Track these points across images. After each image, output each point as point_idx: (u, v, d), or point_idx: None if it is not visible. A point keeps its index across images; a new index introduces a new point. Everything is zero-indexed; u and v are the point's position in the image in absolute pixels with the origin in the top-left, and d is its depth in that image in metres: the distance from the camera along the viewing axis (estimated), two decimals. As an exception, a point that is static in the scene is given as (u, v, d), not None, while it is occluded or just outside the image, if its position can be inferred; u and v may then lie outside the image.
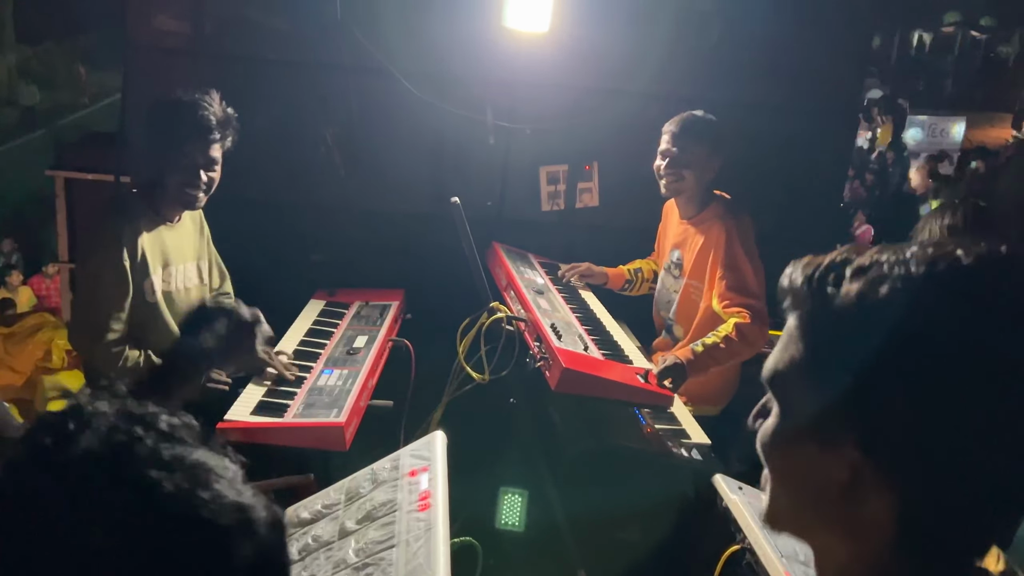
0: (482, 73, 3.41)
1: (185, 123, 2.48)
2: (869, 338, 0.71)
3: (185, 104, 2.48)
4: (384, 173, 3.48)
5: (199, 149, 2.50)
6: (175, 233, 2.66)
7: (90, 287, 2.50)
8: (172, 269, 2.66)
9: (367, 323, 3.01)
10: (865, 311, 0.72)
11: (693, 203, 3.00)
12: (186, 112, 2.47)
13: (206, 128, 2.49)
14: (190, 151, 2.49)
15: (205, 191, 2.57)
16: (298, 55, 3.31)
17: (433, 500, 1.59)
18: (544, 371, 2.53)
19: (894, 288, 0.72)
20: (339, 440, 2.24)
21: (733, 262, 2.85)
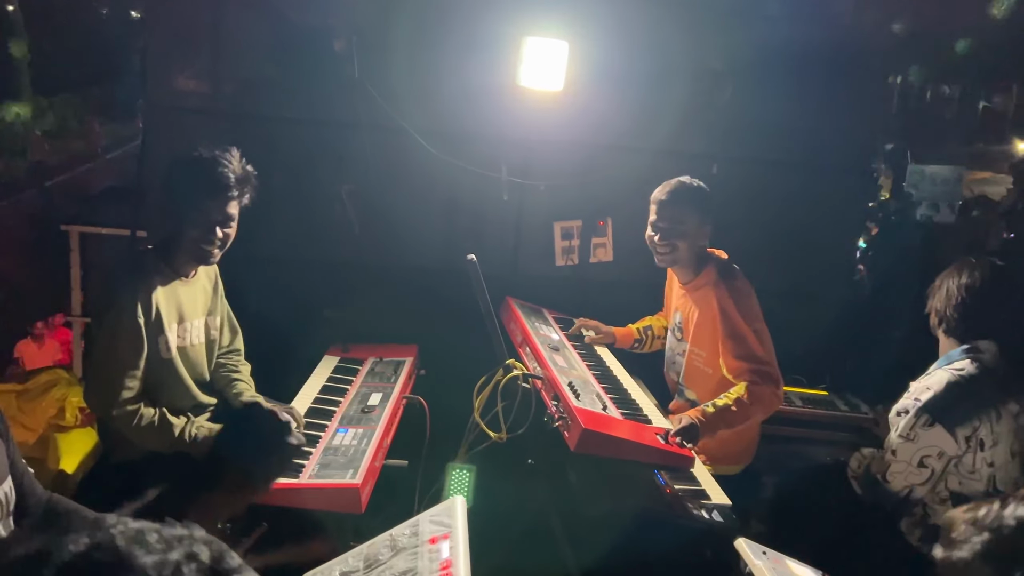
0: (496, 131, 3.44)
1: (203, 179, 2.48)
2: None
3: (204, 161, 2.49)
4: (398, 229, 3.50)
5: (216, 206, 2.51)
6: (189, 288, 2.65)
7: (105, 345, 2.47)
8: (187, 324, 2.64)
9: (381, 379, 2.99)
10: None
11: (689, 269, 2.99)
12: (204, 168, 2.48)
13: (224, 185, 2.50)
14: (207, 207, 2.49)
15: (220, 247, 2.57)
16: (315, 114, 3.36)
17: (455, 570, 1.55)
18: (562, 431, 2.49)
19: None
20: (355, 502, 2.21)
21: (733, 331, 2.84)
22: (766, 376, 2.79)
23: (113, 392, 2.43)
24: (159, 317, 2.50)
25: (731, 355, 2.84)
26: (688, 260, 2.96)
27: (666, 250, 2.94)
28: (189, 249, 2.57)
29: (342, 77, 3.25)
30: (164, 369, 2.55)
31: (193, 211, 2.50)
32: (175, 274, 2.59)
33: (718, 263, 2.98)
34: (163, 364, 2.54)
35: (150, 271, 2.52)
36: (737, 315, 2.83)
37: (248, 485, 1.80)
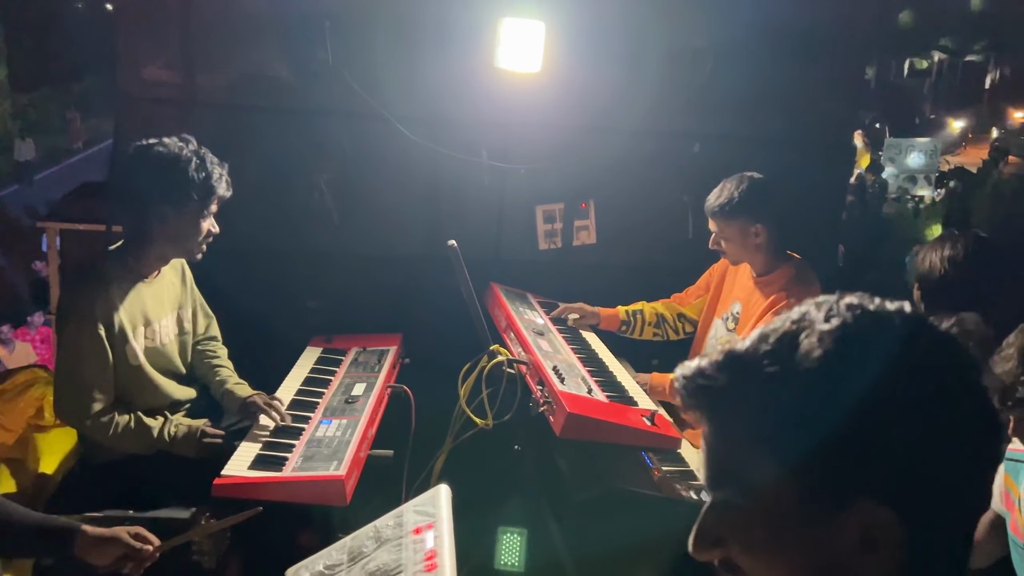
0: (475, 114, 3.40)
1: (183, 179, 2.40)
2: (846, 394, 0.73)
3: (178, 158, 2.40)
4: (379, 217, 3.46)
5: (204, 205, 2.46)
6: (153, 288, 2.57)
7: (68, 360, 2.40)
8: (155, 326, 2.58)
9: (365, 369, 2.96)
10: (833, 369, 0.75)
11: (759, 264, 2.96)
12: (182, 167, 2.40)
13: (208, 186, 2.45)
14: (195, 208, 2.44)
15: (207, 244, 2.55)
16: (290, 102, 3.30)
17: (440, 560, 1.53)
18: (548, 416, 2.47)
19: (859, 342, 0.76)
20: (340, 494, 2.18)
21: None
22: None
23: (83, 406, 2.39)
24: (122, 328, 2.43)
25: None
26: (754, 257, 2.94)
27: (723, 254, 2.99)
28: (175, 250, 2.53)
29: (316, 64, 3.20)
30: (134, 375, 2.50)
31: (176, 211, 2.43)
32: (138, 276, 2.52)
33: (798, 265, 2.94)
34: (133, 370, 2.49)
35: (109, 279, 2.44)
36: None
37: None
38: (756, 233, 2.87)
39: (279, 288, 3.44)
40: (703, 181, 3.57)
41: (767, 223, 2.86)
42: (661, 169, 3.62)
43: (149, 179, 2.40)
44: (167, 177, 2.39)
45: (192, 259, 2.59)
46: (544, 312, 3.32)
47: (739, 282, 3.09)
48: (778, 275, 2.90)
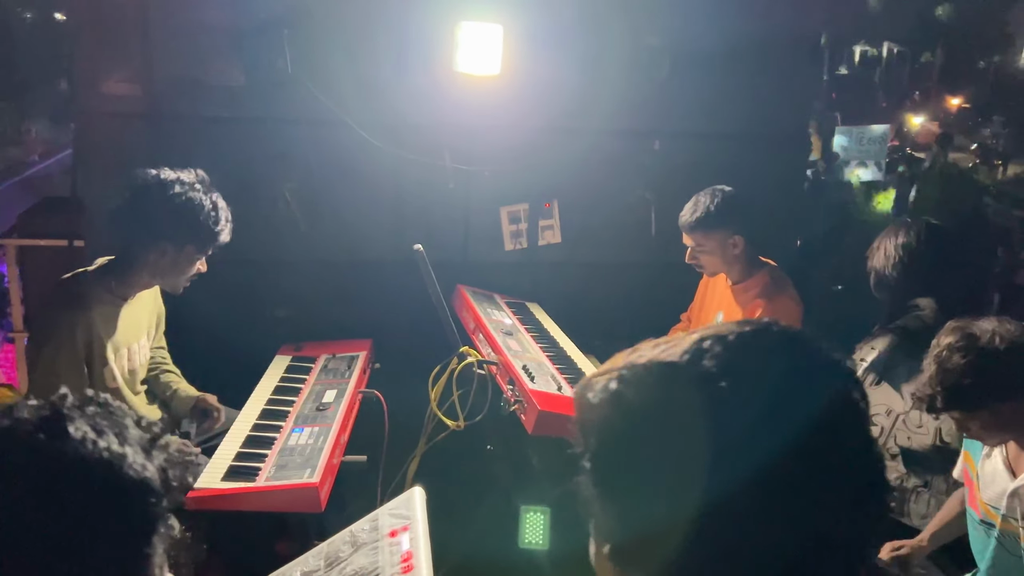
0: (438, 118, 3.42)
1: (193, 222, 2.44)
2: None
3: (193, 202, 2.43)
4: (346, 224, 3.47)
5: (204, 250, 2.54)
6: (132, 309, 2.58)
7: (45, 382, 2.37)
8: (134, 346, 2.60)
9: (335, 376, 2.97)
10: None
11: (735, 272, 3.01)
12: (195, 211, 2.43)
13: (213, 233, 2.51)
14: (200, 252, 2.52)
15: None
16: (252, 111, 3.29)
17: (416, 561, 1.55)
18: (520, 415, 2.51)
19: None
20: (314, 501, 2.19)
21: None
22: None
23: None
24: (102, 350, 2.44)
25: None
26: (731, 267, 2.99)
27: (698, 267, 3.03)
28: (161, 282, 2.57)
29: (276, 73, 3.19)
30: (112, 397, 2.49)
31: (177, 251, 2.47)
32: (119, 299, 2.52)
33: (772, 272, 3.00)
34: (110, 393, 2.48)
35: (90, 300, 2.43)
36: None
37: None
38: (735, 244, 2.93)
39: (247, 298, 3.43)
40: (664, 178, 3.64)
41: (744, 233, 2.92)
42: (623, 167, 3.66)
43: (160, 214, 2.41)
44: (179, 217, 2.42)
45: (175, 292, 2.61)
46: (512, 312, 3.35)
47: (718, 292, 3.15)
48: (754, 282, 2.97)
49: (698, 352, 0.73)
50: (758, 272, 2.98)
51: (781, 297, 2.90)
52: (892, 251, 2.77)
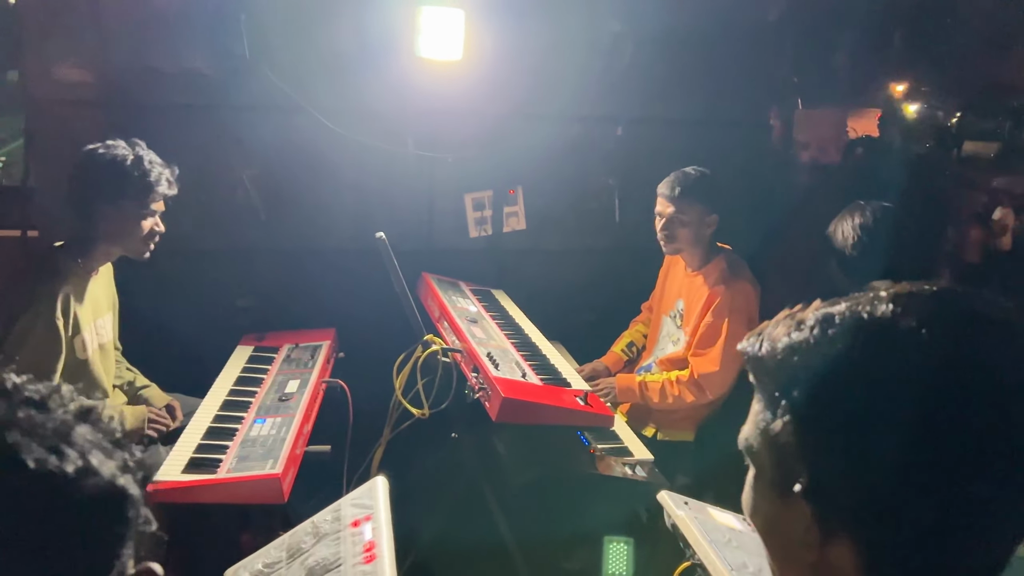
0: (400, 105, 3.38)
1: (143, 178, 2.47)
2: (801, 389, 0.75)
3: (115, 158, 2.46)
4: (307, 212, 3.42)
5: (153, 203, 2.52)
6: (97, 285, 2.61)
7: (21, 350, 2.37)
8: (101, 321, 2.62)
9: (298, 366, 2.94)
10: (794, 363, 0.76)
11: (695, 257, 3.03)
12: (118, 166, 2.45)
13: (164, 181, 2.52)
14: (144, 206, 2.51)
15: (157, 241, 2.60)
16: (208, 98, 3.23)
17: (378, 551, 1.54)
18: (484, 402, 2.50)
19: (816, 338, 0.76)
20: (277, 492, 2.17)
21: (710, 335, 2.92)
22: (700, 392, 2.91)
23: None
24: (76, 318, 2.46)
25: (696, 342, 2.96)
26: (693, 248, 3.00)
27: (668, 240, 2.98)
28: (127, 246, 2.56)
29: (234, 58, 3.14)
30: (80, 369, 2.50)
31: (117, 210, 2.48)
32: (86, 272, 2.55)
33: (728, 257, 3.01)
34: (80, 365, 2.49)
35: (64, 271, 2.48)
36: (724, 327, 2.89)
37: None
38: (710, 224, 2.95)
39: (207, 287, 3.38)
40: (628, 164, 3.65)
41: (720, 214, 2.95)
42: (586, 153, 3.67)
43: (89, 179, 2.47)
44: (105, 176, 2.46)
45: (139, 257, 2.62)
46: (477, 299, 3.34)
47: (676, 279, 3.17)
48: (711, 268, 2.99)
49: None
50: (715, 257, 3.00)
51: (739, 281, 2.93)
52: (850, 231, 2.81)
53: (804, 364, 0.75)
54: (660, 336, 3.22)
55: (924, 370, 0.70)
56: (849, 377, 0.73)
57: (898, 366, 0.71)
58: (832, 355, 0.74)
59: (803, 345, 0.76)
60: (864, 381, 0.72)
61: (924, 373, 0.70)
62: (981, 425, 0.69)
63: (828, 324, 0.75)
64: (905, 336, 0.72)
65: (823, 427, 0.74)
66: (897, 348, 0.72)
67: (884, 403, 0.70)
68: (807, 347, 0.76)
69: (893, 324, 0.73)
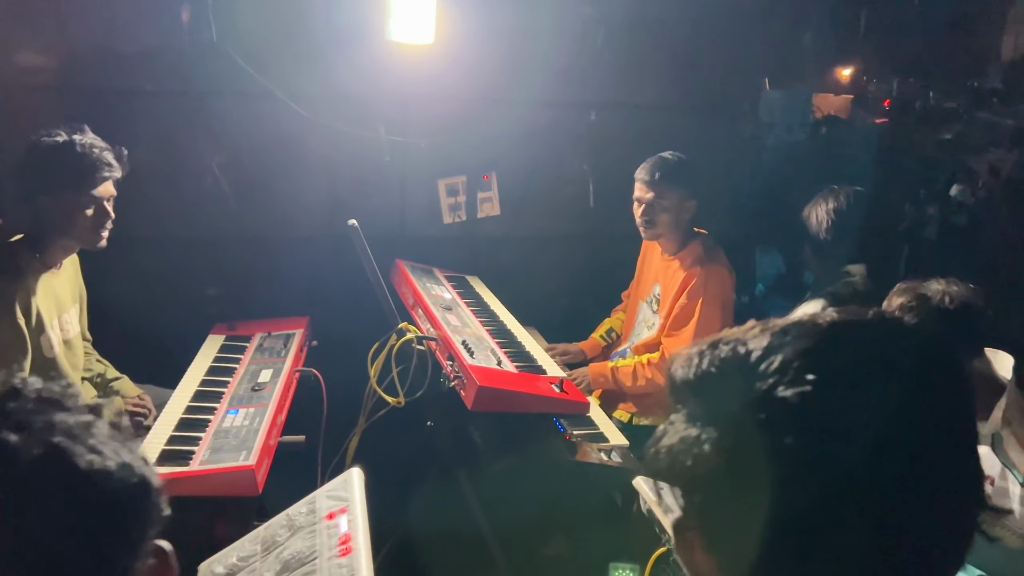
0: (371, 89, 3.34)
1: (79, 163, 2.37)
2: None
3: (51, 146, 2.36)
4: (278, 198, 3.38)
5: (101, 188, 2.42)
6: (59, 279, 2.54)
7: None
8: (66, 316, 2.55)
9: (271, 355, 2.90)
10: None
11: (673, 242, 3.03)
12: (76, 153, 2.36)
13: (105, 165, 2.41)
14: (91, 192, 2.40)
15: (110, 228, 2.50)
16: (175, 84, 3.16)
17: (354, 543, 1.53)
18: (459, 390, 2.49)
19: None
20: (250, 484, 2.15)
21: (683, 317, 2.93)
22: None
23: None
24: (39, 316, 2.38)
25: (670, 324, 2.96)
26: (672, 234, 3.00)
27: (647, 225, 2.97)
28: (77, 237, 2.47)
29: (201, 43, 3.08)
30: (48, 367, 2.43)
31: (76, 199, 2.39)
32: (46, 267, 2.47)
33: (704, 242, 3.02)
34: (47, 363, 2.42)
35: (23, 269, 2.39)
36: (700, 299, 2.90)
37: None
38: (688, 209, 2.96)
39: (177, 276, 3.33)
40: (602, 150, 3.64)
41: (698, 199, 2.96)
42: (560, 138, 3.65)
43: (28, 169, 2.38)
44: (41, 165, 2.37)
45: (93, 248, 2.53)
46: (452, 286, 3.32)
47: (653, 264, 3.18)
48: (687, 252, 3.00)
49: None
50: (692, 242, 3.01)
51: (714, 265, 2.95)
52: (824, 216, 2.83)
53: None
54: (636, 322, 3.23)
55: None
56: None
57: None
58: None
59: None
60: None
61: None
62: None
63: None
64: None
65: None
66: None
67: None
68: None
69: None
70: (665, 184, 2.91)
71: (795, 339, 0.69)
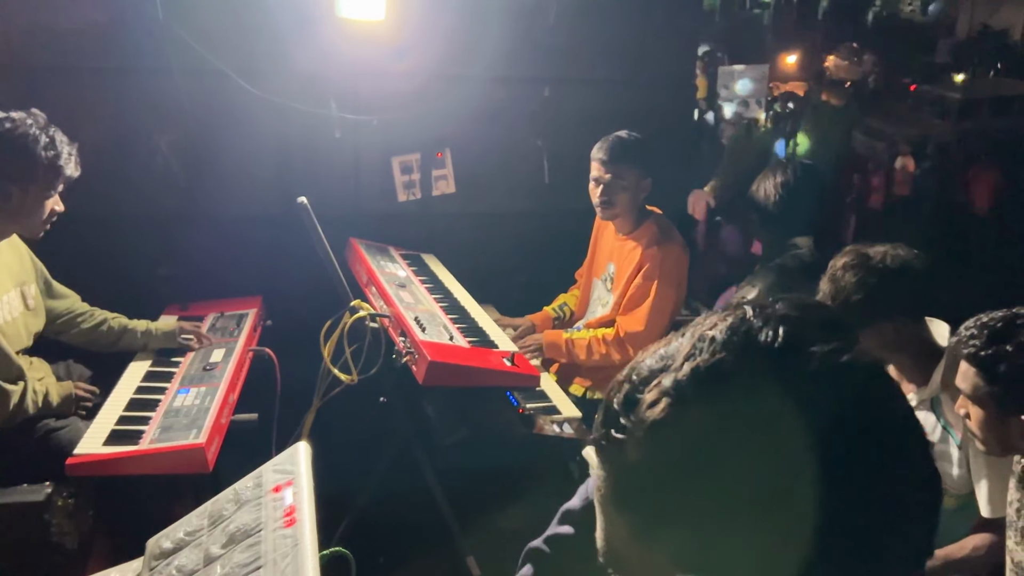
0: (321, 66, 3.31)
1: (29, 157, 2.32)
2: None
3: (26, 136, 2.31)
4: (229, 177, 3.33)
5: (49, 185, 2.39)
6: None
7: None
8: (6, 298, 2.49)
9: (223, 335, 2.89)
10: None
11: (628, 221, 3.05)
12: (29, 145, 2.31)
13: (69, 163, 2.39)
14: (47, 188, 2.38)
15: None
16: (120, 61, 3.11)
17: (299, 515, 1.54)
18: (411, 366, 2.50)
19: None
20: (201, 462, 2.15)
21: (639, 296, 2.96)
22: (624, 351, 2.95)
23: None
24: None
25: (626, 303, 2.99)
26: (628, 213, 3.01)
27: (606, 205, 2.98)
28: (24, 226, 2.45)
29: (146, 19, 3.02)
30: None
31: (22, 191, 2.35)
32: None
33: (658, 221, 3.04)
34: None
35: None
36: (653, 288, 2.93)
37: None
38: (644, 188, 2.98)
39: (127, 257, 3.28)
40: (555, 125, 3.65)
41: (653, 177, 2.98)
42: (514, 115, 3.65)
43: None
44: (13, 155, 2.32)
45: (34, 237, 2.52)
46: (406, 264, 3.32)
47: (607, 242, 3.20)
48: (642, 231, 3.03)
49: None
50: (646, 221, 3.04)
51: (670, 245, 2.98)
52: (772, 189, 2.88)
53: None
54: (591, 299, 3.26)
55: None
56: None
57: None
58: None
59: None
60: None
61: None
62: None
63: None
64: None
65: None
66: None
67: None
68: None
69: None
70: (622, 164, 2.93)
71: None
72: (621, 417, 0.69)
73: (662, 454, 0.66)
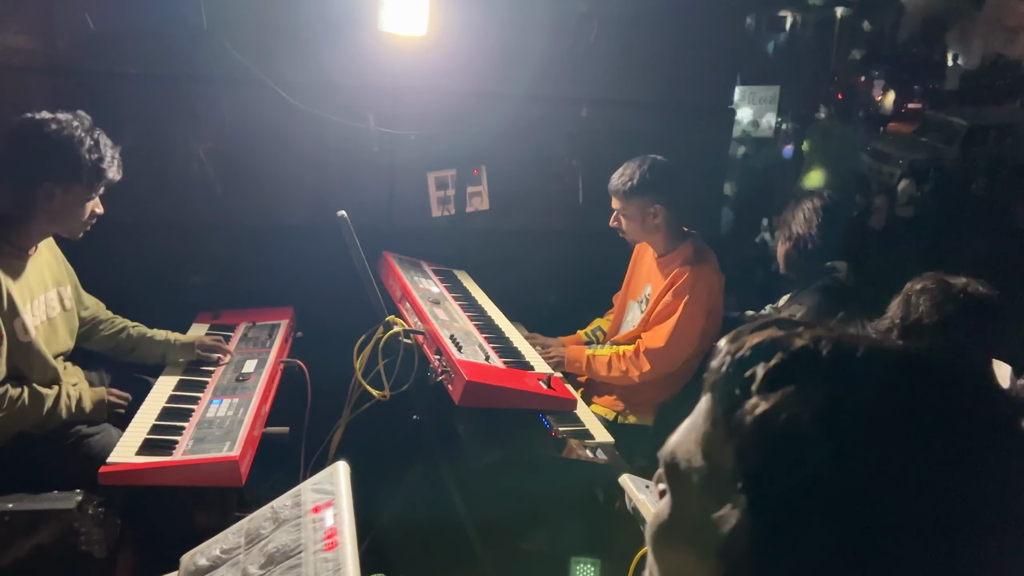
0: (362, 80, 3.31)
1: (74, 159, 2.33)
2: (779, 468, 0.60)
3: (72, 138, 2.32)
4: (265, 187, 3.34)
5: (92, 188, 2.40)
6: (34, 263, 2.48)
7: None
8: (40, 300, 2.50)
9: (256, 345, 2.88)
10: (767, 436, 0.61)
11: (660, 244, 3.05)
12: (75, 147, 2.32)
13: (113, 167, 2.40)
14: (89, 190, 2.39)
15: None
16: (163, 68, 3.12)
17: (340, 538, 1.52)
18: (446, 385, 2.48)
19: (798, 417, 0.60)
20: (234, 475, 2.13)
21: (671, 307, 2.93)
22: (650, 354, 2.93)
23: None
24: (12, 301, 2.33)
25: (652, 318, 2.98)
26: (652, 236, 3.03)
27: (620, 231, 3.05)
28: (65, 226, 2.45)
29: (190, 28, 3.04)
30: (24, 351, 2.38)
31: (65, 192, 2.36)
32: (21, 251, 2.42)
33: (695, 243, 3.03)
34: (22, 347, 2.37)
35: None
36: (681, 306, 2.91)
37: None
38: (655, 214, 2.96)
39: (161, 264, 3.29)
40: (591, 146, 3.63)
41: (665, 204, 2.95)
42: (550, 134, 3.64)
43: (38, 155, 2.34)
44: (58, 156, 2.33)
45: (74, 237, 2.52)
46: (439, 280, 3.31)
47: (646, 264, 3.19)
48: (678, 254, 3.02)
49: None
50: (682, 243, 3.02)
51: (704, 267, 2.96)
52: (811, 215, 2.86)
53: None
54: (624, 321, 3.23)
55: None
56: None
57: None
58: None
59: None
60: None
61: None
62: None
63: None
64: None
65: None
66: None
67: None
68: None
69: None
70: (624, 196, 2.97)
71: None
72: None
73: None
